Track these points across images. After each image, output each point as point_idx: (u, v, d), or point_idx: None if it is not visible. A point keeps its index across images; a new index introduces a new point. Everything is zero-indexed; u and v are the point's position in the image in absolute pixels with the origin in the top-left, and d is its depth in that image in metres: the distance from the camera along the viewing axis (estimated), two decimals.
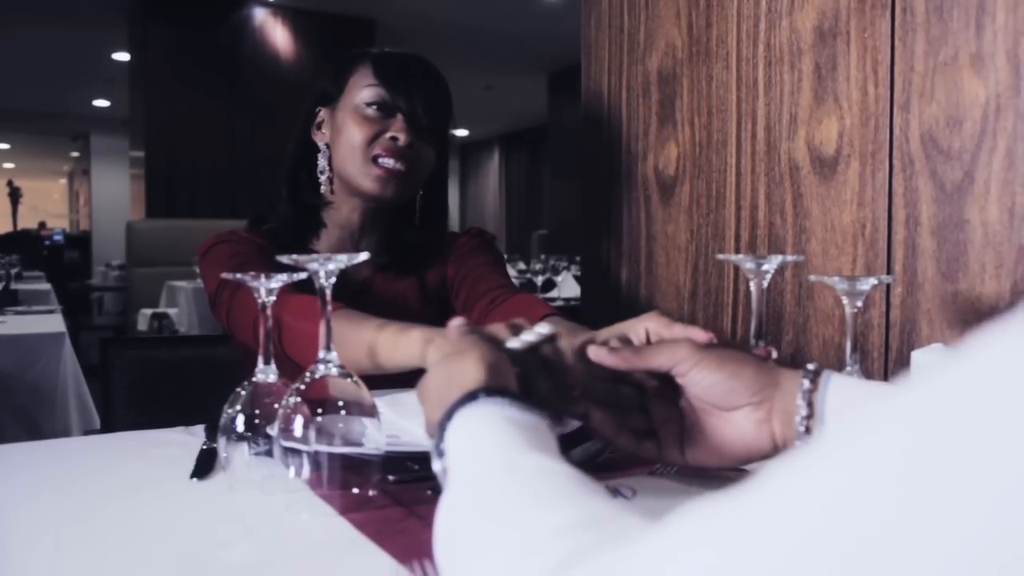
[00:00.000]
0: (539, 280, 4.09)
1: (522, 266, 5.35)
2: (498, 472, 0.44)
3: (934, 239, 0.98)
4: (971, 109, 0.94)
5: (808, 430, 0.64)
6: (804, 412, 0.64)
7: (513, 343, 0.69)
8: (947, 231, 0.96)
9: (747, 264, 0.78)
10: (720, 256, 0.83)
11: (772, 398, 0.66)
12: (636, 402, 0.73)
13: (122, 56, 7.43)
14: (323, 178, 1.22)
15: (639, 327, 0.76)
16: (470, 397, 0.54)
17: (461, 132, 12.62)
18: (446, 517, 0.44)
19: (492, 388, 0.54)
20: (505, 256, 1.35)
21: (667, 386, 0.72)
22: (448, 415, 0.54)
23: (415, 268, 1.28)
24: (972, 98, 0.93)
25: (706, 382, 0.67)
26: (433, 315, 1.24)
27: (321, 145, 1.22)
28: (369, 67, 1.18)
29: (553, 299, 3.69)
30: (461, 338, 0.66)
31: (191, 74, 5.95)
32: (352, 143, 1.16)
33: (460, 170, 13.91)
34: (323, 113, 1.23)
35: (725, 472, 0.76)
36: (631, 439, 0.72)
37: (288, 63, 6.25)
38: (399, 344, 0.90)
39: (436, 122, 1.18)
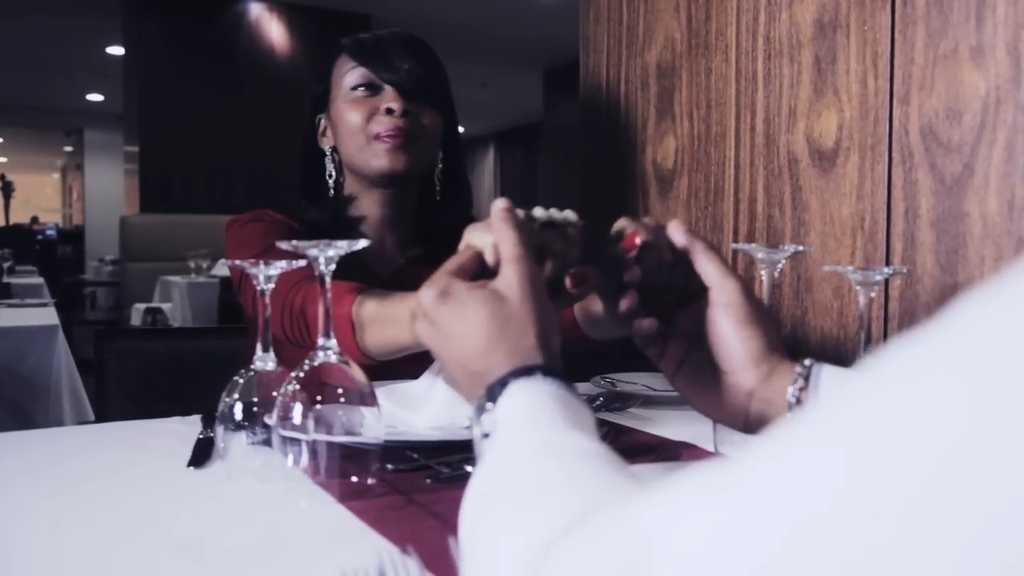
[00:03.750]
0: None
1: None
2: (535, 448, 0.44)
3: (933, 232, 0.98)
4: (971, 102, 0.94)
5: None
6: (793, 402, 0.64)
7: (540, 213, 0.67)
8: (946, 224, 0.96)
9: (759, 254, 0.78)
10: (734, 245, 0.82)
11: (755, 385, 0.65)
12: (668, 299, 0.69)
13: (116, 50, 7.39)
14: (331, 182, 1.19)
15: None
16: (526, 372, 0.52)
17: None
18: (478, 488, 0.44)
19: (549, 368, 0.53)
20: None
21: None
22: (502, 383, 0.52)
23: (444, 257, 1.23)
24: (972, 91, 0.93)
25: (720, 326, 0.65)
26: None
27: (327, 149, 1.20)
28: (345, 54, 1.17)
29: None
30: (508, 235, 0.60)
31: (186, 68, 5.92)
32: (351, 128, 1.14)
33: None
34: (323, 120, 1.21)
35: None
36: (648, 331, 0.68)
37: (283, 58, 6.23)
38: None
39: (427, 84, 1.15)
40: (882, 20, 1.02)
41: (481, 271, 0.62)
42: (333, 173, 1.20)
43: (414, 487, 0.71)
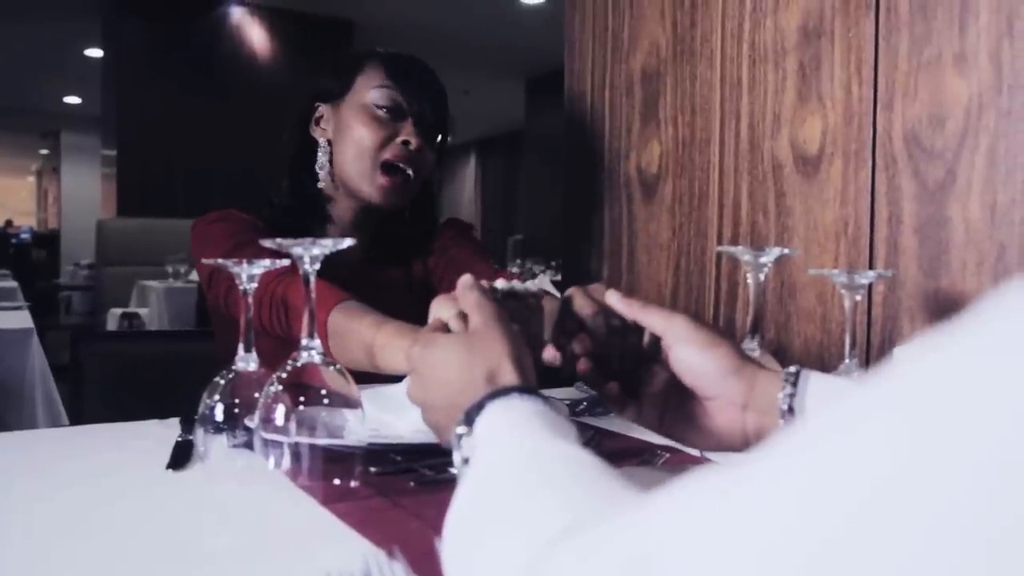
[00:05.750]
0: None
1: None
2: (521, 459, 0.44)
3: (916, 237, 0.98)
4: (954, 108, 0.94)
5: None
6: (785, 409, 0.63)
7: (502, 284, 0.70)
8: (929, 229, 0.97)
9: (745, 256, 0.78)
10: (719, 248, 0.83)
11: (745, 397, 0.65)
12: (627, 359, 0.71)
13: (95, 52, 7.32)
14: (322, 173, 1.20)
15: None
16: (503, 392, 0.53)
17: None
18: (460, 504, 0.43)
19: (525, 389, 0.54)
20: None
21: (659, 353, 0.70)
22: (479, 406, 0.53)
23: (401, 260, 1.28)
24: (955, 97, 0.94)
25: (686, 360, 0.66)
26: (416, 306, 1.24)
27: (321, 141, 1.20)
28: (380, 67, 1.17)
29: None
30: (477, 304, 0.63)
31: (166, 72, 5.87)
32: (361, 144, 1.15)
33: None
34: (323, 109, 1.21)
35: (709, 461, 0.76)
36: (616, 395, 0.70)
37: (265, 63, 6.19)
38: (393, 347, 0.89)
39: (440, 127, 1.19)
40: (866, 27, 1.03)
41: None
42: (325, 164, 1.20)
43: (398, 490, 0.70)
